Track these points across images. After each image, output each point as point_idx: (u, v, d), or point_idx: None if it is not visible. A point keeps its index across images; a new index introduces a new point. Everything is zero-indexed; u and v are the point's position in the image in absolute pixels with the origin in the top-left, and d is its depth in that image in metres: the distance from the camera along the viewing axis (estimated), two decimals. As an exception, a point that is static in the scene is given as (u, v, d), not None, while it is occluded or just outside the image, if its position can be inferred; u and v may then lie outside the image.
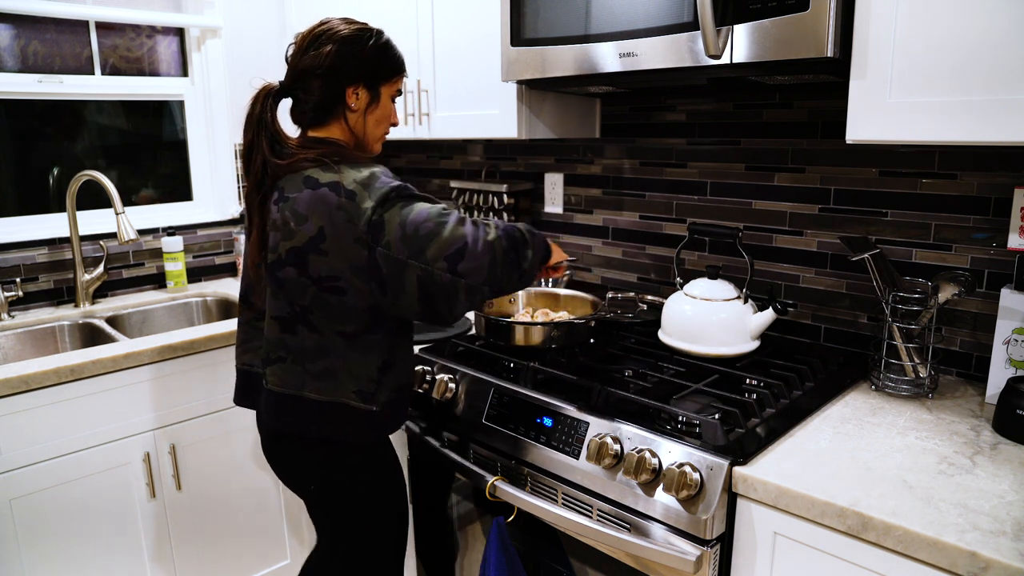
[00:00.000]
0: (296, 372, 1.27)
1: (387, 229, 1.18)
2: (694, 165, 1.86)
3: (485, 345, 1.67)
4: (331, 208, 1.19)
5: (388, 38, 1.34)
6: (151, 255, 2.37)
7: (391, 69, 1.33)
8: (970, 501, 1.01)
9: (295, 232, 1.22)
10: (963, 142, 1.10)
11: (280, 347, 1.29)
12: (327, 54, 1.26)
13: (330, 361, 1.26)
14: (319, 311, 1.24)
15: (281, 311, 1.28)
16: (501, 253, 1.23)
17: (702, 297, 1.53)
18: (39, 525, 1.64)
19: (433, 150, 2.62)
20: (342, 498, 1.35)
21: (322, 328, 1.25)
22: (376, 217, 1.18)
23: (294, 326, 1.26)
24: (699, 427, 1.21)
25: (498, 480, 1.41)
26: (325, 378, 1.26)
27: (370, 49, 1.29)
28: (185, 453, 1.87)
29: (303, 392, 1.27)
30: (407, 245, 1.17)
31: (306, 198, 1.21)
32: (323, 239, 1.20)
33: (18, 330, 2.01)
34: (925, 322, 1.40)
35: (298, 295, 1.25)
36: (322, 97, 1.28)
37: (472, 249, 1.19)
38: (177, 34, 2.45)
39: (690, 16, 1.30)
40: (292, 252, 1.23)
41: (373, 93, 1.32)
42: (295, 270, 1.23)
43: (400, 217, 1.18)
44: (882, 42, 1.15)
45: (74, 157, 2.29)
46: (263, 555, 2.08)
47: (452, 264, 1.18)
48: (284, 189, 1.26)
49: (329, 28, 1.28)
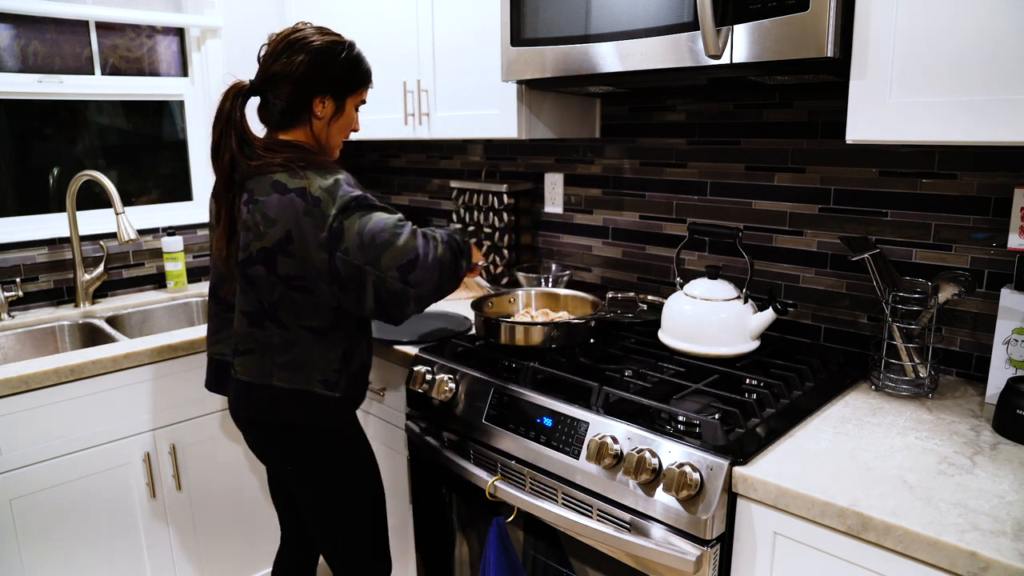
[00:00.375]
0: (264, 363, 1.36)
1: (346, 236, 1.26)
2: (694, 165, 1.86)
3: (485, 345, 1.67)
4: (298, 213, 1.26)
5: (359, 52, 1.40)
6: (151, 255, 2.37)
7: (358, 82, 1.40)
8: (970, 501, 1.01)
9: (264, 234, 1.29)
10: (963, 142, 1.10)
11: (249, 340, 1.37)
12: (299, 63, 1.31)
13: (296, 354, 1.34)
14: (286, 308, 1.32)
15: (250, 306, 1.35)
16: (448, 266, 1.34)
17: (702, 297, 1.53)
18: (39, 525, 1.64)
19: (433, 150, 2.62)
20: (319, 477, 1.44)
21: (289, 324, 1.33)
22: (336, 224, 1.25)
23: (262, 321, 1.34)
24: (699, 427, 1.21)
25: (498, 480, 1.41)
26: (291, 369, 1.35)
27: (341, 62, 1.35)
28: (185, 453, 1.87)
29: (271, 381, 1.36)
30: (363, 252, 1.26)
31: (275, 202, 1.28)
32: (290, 242, 1.27)
33: (18, 330, 2.01)
34: (925, 322, 1.40)
35: (267, 292, 1.32)
36: (290, 103, 1.34)
37: (423, 262, 1.29)
38: (177, 34, 2.45)
39: (690, 16, 1.30)
40: (262, 252, 1.30)
41: (339, 104, 1.38)
42: (264, 269, 1.30)
43: (359, 225, 1.26)
44: (882, 42, 1.15)
45: (74, 157, 2.29)
46: (263, 555, 2.08)
47: (404, 274, 1.27)
48: (254, 191, 1.31)
49: (303, 37, 1.33)
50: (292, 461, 1.44)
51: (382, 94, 2.17)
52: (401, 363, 1.75)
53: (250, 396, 1.39)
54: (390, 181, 2.85)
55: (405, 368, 1.74)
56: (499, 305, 1.85)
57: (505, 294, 1.87)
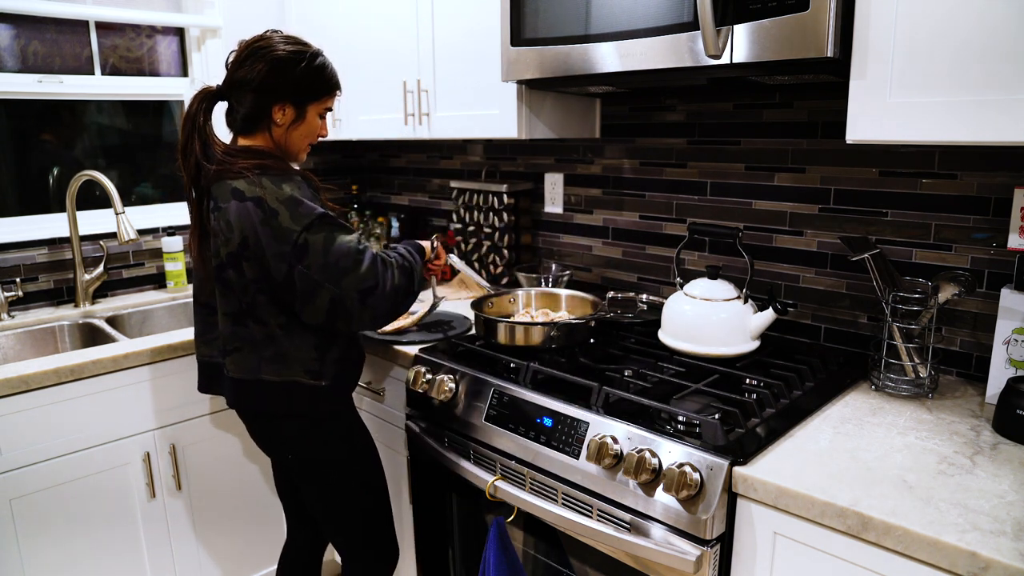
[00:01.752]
0: (252, 359, 1.41)
1: (310, 252, 1.31)
2: (694, 165, 1.86)
3: (485, 345, 1.67)
4: (255, 223, 1.31)
5: (322, 61, 1.42)
6: (151, 255, 2.37)
7: (320, 91, 1.43)
8: (970, 501, 1.01)
9: (229, 239, 1.34)
10: (963, 142, 1.10)
11: (235, 339, 1.42)
12: (258, 72, 1.35)
13: (277, 347, 1.40)
14: (261, 306, 1.38)
15: (231, 307, 1.41)
16: (402, 293, 1.43)
17: (702, 297, 1.53)
18: (39, 525, 1.64)
19: (433, 150, 2.62)
20: (319, 465, 1.50)
21: (267, 320, 1.39)
22: (301, 240, 1.31)
23: (244, 320, 1.40)
24: (699, 427, 1.21)
25: (498, 480, 1.41)
26: (277, 362, 1.40)
27: (300, 72, 1.38)
28: (185, 453, 1.87)
29: (260, 376, 1.41)
30: (326, 272, 1.32)
31: (234, 209, 1.33)
32: (247, 248, 1.33)
33: (18, 330, 2.01)
34: (925, 322, 1.40)
35: (242, 293, 1.38)
36: (251, 109, 1.38)
37: (381, 291, 1.37)
38: (177, 34, 2.45)
39: (690, 16, 1.30)
40: (229, 256, 1.36)
41: (299, 111, 1.41)
42: (234, 272, 1.37)
43: (324, 244, 1.32)
44: (882, 42, 1.15)
45: (74, 157, 2.29)
46: (263, 555, 2.08)
47: (363, 298, 1.36)
48: (218, 199, 1.36)
49: (266, 45, 1.37)
50: (292, 451, 1.49)
51: (382, 94, 2.17)
52: (401, 363, 1.75)
53: (244, 392, 1.44)
54: (390, 181, 2.85)
55: (405, 368, 1.74)
56: (499, 305, 1.85)
57: (505, 294, 1.87)
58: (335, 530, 1.58)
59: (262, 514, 2.06)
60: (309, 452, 1.49)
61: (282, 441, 1.50)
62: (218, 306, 1.44)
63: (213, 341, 1.52)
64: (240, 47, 1.39)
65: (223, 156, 1.36)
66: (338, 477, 1.52)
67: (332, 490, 1.52)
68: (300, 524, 1.75)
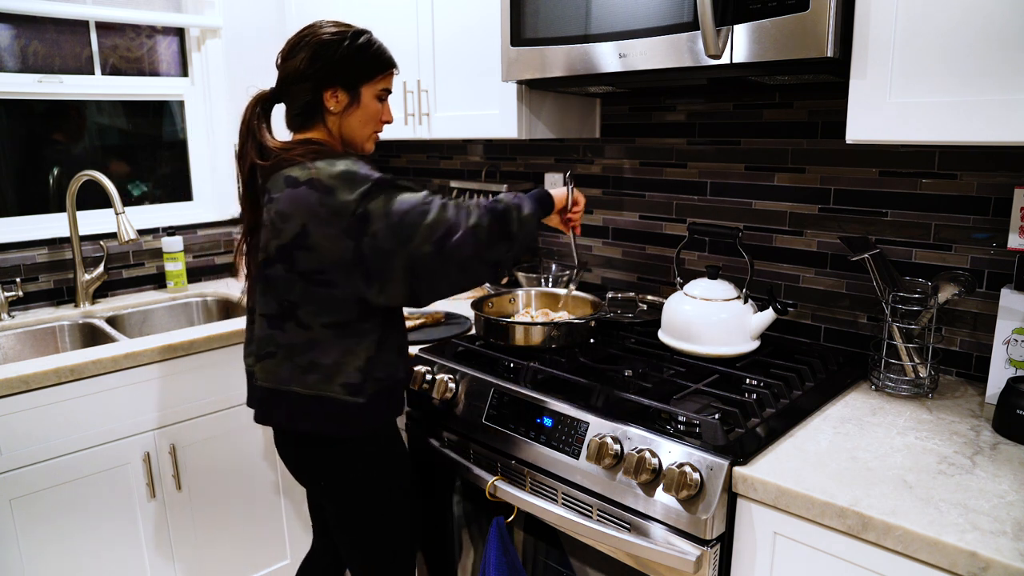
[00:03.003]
0: (285, 367, 1.31)
1: (373, 220, 1.21)
2: (694, 165, 1.86)
3: (485, 345, 1.67)
4: (312, 205, 1.22)
5: (367, 38, 1.34)
6: (151, 255, 2.37)
7: (370, 69, 1.34)
8: (970, 501, 1.01)
9: (281, 230, 1.25)
10: (963, 142, 1.10)
11: (270, 343, 1.32)
12: (302, 60, 1.30)
13: (317, 355, 1.28)
14: (307, 305, 1.27)
15: (270, 308, 1.31)
16: (486, 231, 1.26)
17: (702, 297, 1.53)
18: (39, 525, 1.64)
19: (433, 150, 2.62)
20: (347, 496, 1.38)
21: (310, 323, 1.28)
22: (361, 209, 1.21)
23: (282, 322, 1.30)
24: (699, 427, 1.21)
25: (498, 480, 1.41)
26: (312, 371, 1.29)
27: (343, 51, 1.30)
28: (185, 453, 1.87)
29: (290, 387, 1.30)
30: (394, 233, 1.21)
31: (287, 197, 1.25)
32: (307, 236, 1.23)
33: (18, 330, 2.01)
34: (925, 322, 1.40)
35: (286, 291, 1.28)
36: (303, 101, 1.32)
37: (455, 232, 1.23)
38: (177, 34, 2.45)
39: (690, 16, 1.30)
40: (279, 249, 1.26)
41: (352, 95, 1.33)
42: (283, 267, 1.27)
43: (385, 207, 1.21)
44: (882, 42, 1.15)
45: (74, 157, 2.29)
46: (263, 555, 2.08)
47: (439, 247, 1.22)
48: (271, 190, 1.29)
49: (309, 33, 1.32)
50: (324, 477, 1.38)
51: (382, 94, 2.17)
52: (401, 363, 1.75)
53: (269, 403, 1.34)
54: (390, 181, 2.84)
55: (405, 368, 1.74)
56: (499, 305, 1.85)
57: (505, 294, 1.87)
58: (353, 563, 1.46)
59: (262, 514, 2.06)
60: (338, 481, 1.37)
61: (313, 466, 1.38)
62: (257, 307, 1.35)
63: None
64: (287, 42, 1.34)
65: (277, 151, 1.30)
66: (365, 513, 1.40)
67: (356, 525, 1.41)
68: (324, 542, 1.66)
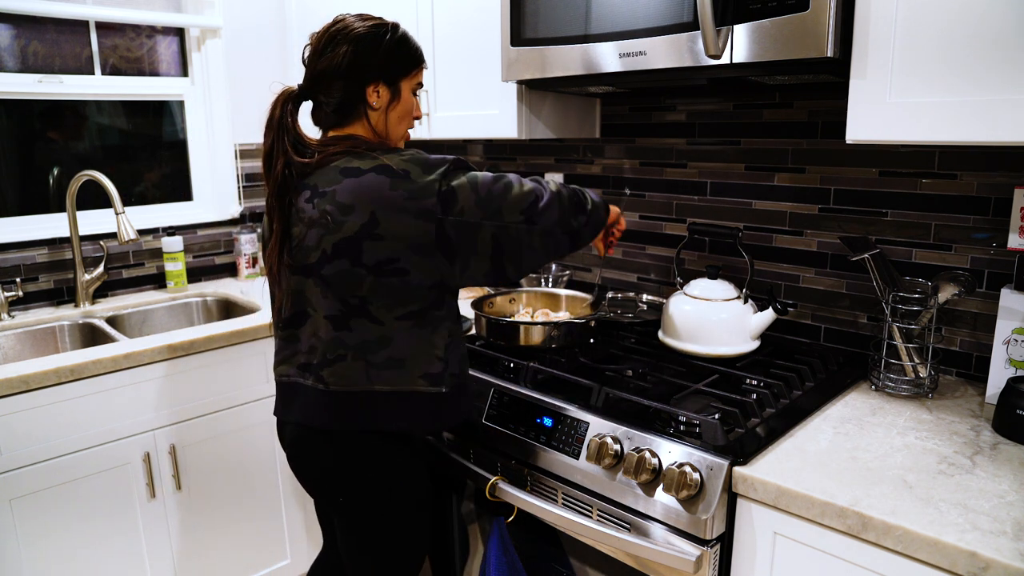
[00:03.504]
0: (359, 367, 1.25)
1: (459, 196, 1.20)
2: (694, 165, 1.86)
3: (485, 345, 1.67)
4: (383, 190, 1.18)
5: (404, 31, 1.33)
6: (151, 255, 2.36)
7: (410, 62, 1.32)
8: (970, 501, 1.01)
9: (342, 223, 1.19)
10: (963, 142, 1.10)
11: (337, 346, 1.25)
12: (343, 54, 1.25)
13: (394, 349, 1.25)
14: (379, 300, 1.22)
15: (332, 310, 1.24)
16: (567, 198, 1.31)
17: (702, 297, 1.53)
18: (39, 525, 1.64)
19: (433, 150, 2.62)
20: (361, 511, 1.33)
21: (382, 317, 1.23)
22: (445, 188, 1.20)
23: (349, 321, 1.24)
24: (699, 427, 1.21)
25: (498, 480, 1.41)
26: (391, 367, 1.25)
27: (387, 45, 1.28)
28: (185, 453, 1.87)
29: (372, 386, 1.25)
30: (482, 207, 1.21)
31: (349, 187, 1.20)
32: (376, 224, 1.18)
33: (18, 330, 2.01)
34: (925, 322, 1.41)
35: (352, 288, 1.22)
36: (343, 98, 1.28)
37: (541, 199, 1.26)
38: (177, 34, 2.45)
39: (690, 16, 1.30)
40: (341, 244, 1.20)
41: (393, 90, 1.31)
42: (347, 261, 1.20)
43: (470, 184, 1.22)
44: (882, 42, 1.15)
45: (74, 157, 2.29)
46: (263, 555, 2.08)
47: (528, 216, 1.24)
48: (318, 185, 1.24)
49: (344, 27, 1.27)
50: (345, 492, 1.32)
51: (382, 94, 2.17)
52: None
53: (346, 407, 1.26)
54: (390, 181, 2.84)
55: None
56: (499, 305, 1.85)
57: (505, 294, 1.87)
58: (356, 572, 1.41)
59: (262, 515, 2.06)
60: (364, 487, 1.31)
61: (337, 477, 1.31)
62: (315, 310, 1.27)
63: (292, 358, 1.33)
64: (315, 38, 1.29)
65: (322, 147, 1.26)
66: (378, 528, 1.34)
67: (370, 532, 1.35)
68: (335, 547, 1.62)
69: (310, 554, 2.15)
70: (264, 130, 1.28)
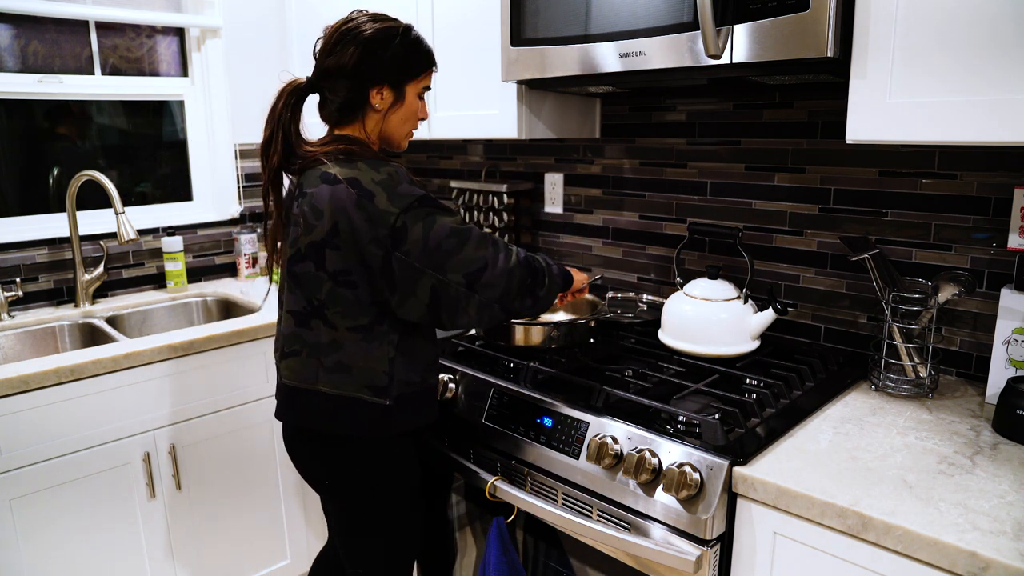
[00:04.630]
0: (311, 365, 1.29)
1: (409, 237, 1.20)
2: (694, 165, 1.86)
3: (485, 345, 1.67)
4: (348, 205, 1.20)
5: (416, 34, 1.34)
6: (151, 255, 2.37)
7: (417, 68, 1.33)
8: (970, 501, 1.01)
9: (313, 227, 1.24)
10: (963, 142, 1.10)
11: (295, 341, 1.31)
12: (351, 55, 1.26)
13: (343, 355, 1.27)
14: (334, 306, 1.26)
15: (297, 305, 1.30)
16: (518, 280, 1.27)
17: (702, 297, 1.53)
18: (39, 525, 1.64)
19: (433, 150, 2.62)
20: (354, 494, 1.37)
21: (336, 323, 1.27)
22: (399, 223, 1.20)
23: (309, 320, 1.28)
24: (699, 427, 1.21)
25: (498, 480, 1.41)
26: (339, 372, 1.28)
27: (395, 49, 1.29)
28: (185, 453, 1.87)
29: (317, 386, 1.29)
30: (428, 257, 1.21)
31: (323, 194, 1.23)
32: (337, 234, 1.22)
33: (18, 330, 2.01)
34: (925, 322, 1.41)
35: (315, 290, 1.27)
36: (346, 97, 1.29)
37: (491, 271, 1.24)
38: (177, 34, 2.45)
39: (690, 16, 1.30)
40: (310, 247, 1.25)
41: (398, 92, 1.32)
42: (313, 264, 1.25)
43: (424, 228, 1.21)
44: (882, 42, 1.15)
45: (74, 157, 2.29)
46: (263, 555, 2.08)
47: (471, 281, 1.23)
48: (303, 185, 1.27)
49: (355, 26, 1.28)
50: (331, 476, 1.36)
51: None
52: (401, 363, 1.75)
53: (295, 402, 1.32)
54: (390, 181, 2.84)
55: (405, 368, 1.74)
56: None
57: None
58: (351, 563, 1.43)
59: (262, 514, 2.06)
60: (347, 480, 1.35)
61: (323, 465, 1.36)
62: (283, 303, 1.33)
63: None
64: (327, 33, 1.30)
65: (314, 146, 1.28)
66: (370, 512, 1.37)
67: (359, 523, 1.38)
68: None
69: (310, 554, 2.15)
70: (266, 118, 1.31)
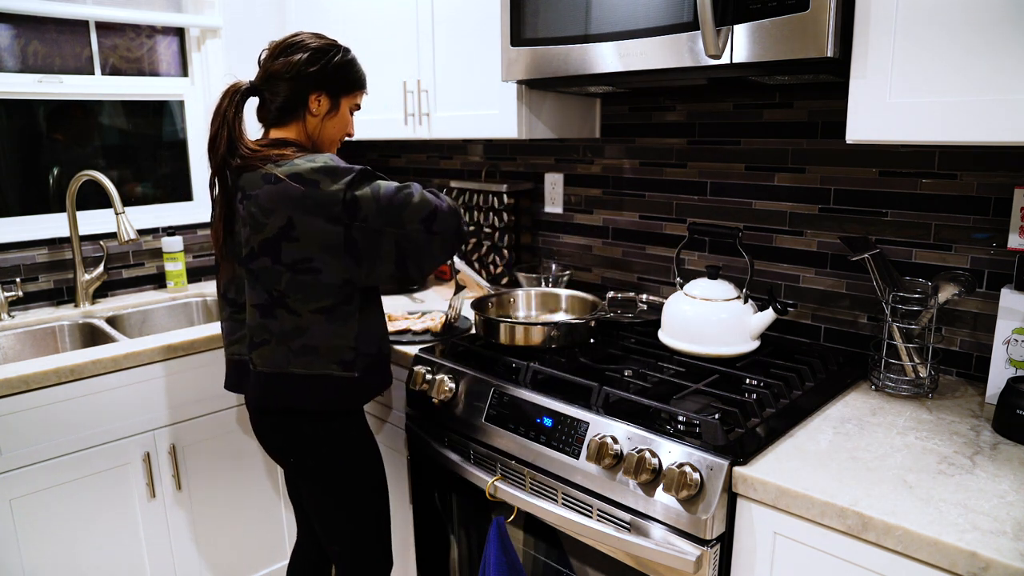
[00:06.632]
0: (280, 352, 1.40)
1: (362, 205, 1.32)
2: (694, 165, 1.86)
3: (485, 345, 1.67)
4: (295, 198, 1.30)
5: (353, 57, 1.49)
6: (151, 255, 2.37)
7: (352, 83, 1.48)
8: (970, 501, 1.01)
9: (264, 225, 1.33)
10: (963, 142, 1.10)
11: (263, 331, 1.40)
12: (296, 61, 1.39)
13: (308, 338, 1.39)
14: (295, 294, 1.36)
15: (259, 299, 1.39)
16: (459, 218, 1.45)
17: (702, 297, 1.53)
18: (39, 525, 1.64)
19: (433, 150, 2.62)
20: (321, 468, 1.47)
21: (299, 309, 1.37)
22: (349, 197, 1.31)
23: (273, 310, 1.38)
24: (699, 427, 1.21)
25: (498, 480, 1.41)
26: (307, 354, 1.39)
27: (336, 62, 1.43)
28: (185, 453, 1.87)
29: (289, 369, 1.40)
30: (384, 215, 1.33)
31: (268, 193, 1.32)
32: (293, 227, 1.31)
33: (18, 330, 2.01)
34: (925, 322, 1.40)
35: (274, 282, 1.36)
36: (287, 99, 1.41)
37: (441, 211, 1.39)
38: (177, 34, 2.45)
39: (690, 16, 1.30)
40: (263, 244, 1.34)
41: (334, 102, 1.45)
42: (269, 259, 1.35)
43: (372, 192, 1.33)
44: (882, 42, 1.15)
45: (74, 157, 2.29)
46: (263, 555, 2.08)
47: (428, 225, 1.37)
48: (246, 188, 1.36)
49: (300, 40, 1.42)
50: (298, 452, 1.46)
51: (382, 94, 2.17)
52: (401, 363, 1.75)
53: (270, 386, 1.42)
54: (390, 181, 2.85)
55: (405, 368, 1.74)
56: (499, 305, 1.85)
57: (505, 294, 1.87)
58: (330, 537, 1.54)
59: (262, 514, 2.06)
60: (316, 453, 1.46)
61: (292, 441, 1.46)
62: (247, 299, 1.42)
63: (243, 339, 1.49)
64: (273, 45, 1.44)
65: (249, 151, 1.37)
66: (340, 482, 1.49)
67: (332, 495, 1.50)
68: (310, 530, 1.74)
69: (310, 554, 2.15)
70: (211, 117, 1.42)
